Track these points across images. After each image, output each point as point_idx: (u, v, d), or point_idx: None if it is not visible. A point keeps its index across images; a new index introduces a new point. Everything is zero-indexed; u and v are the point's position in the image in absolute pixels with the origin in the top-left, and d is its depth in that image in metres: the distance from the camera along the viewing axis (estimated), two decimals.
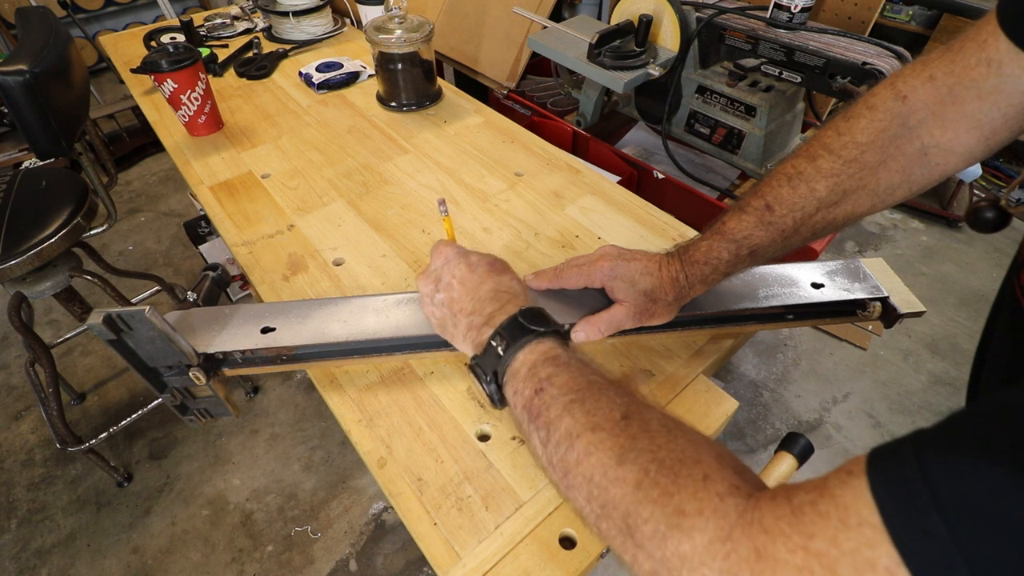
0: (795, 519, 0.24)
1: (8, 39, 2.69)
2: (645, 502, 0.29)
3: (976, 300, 1.83)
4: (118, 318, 0.48)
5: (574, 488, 0.33)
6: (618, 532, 0.30)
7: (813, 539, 0.23)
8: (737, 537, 0.25)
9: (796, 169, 0.46)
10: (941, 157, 0.44)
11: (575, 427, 0.34)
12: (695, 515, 0.27)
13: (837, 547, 0.22)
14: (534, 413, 0.36)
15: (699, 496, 0.28)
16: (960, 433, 0.22)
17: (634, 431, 0.32)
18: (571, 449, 0.33)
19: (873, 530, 0.21)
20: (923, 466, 0.21)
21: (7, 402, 1.63)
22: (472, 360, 0.43)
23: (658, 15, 1.17)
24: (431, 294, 0.49)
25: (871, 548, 0.21)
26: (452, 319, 0.47)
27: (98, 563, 1.28)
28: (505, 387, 0.40)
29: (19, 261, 1.03)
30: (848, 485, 0.23)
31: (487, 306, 0.44)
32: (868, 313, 0.59)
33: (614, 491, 0.30)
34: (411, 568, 1.26)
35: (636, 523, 0.29)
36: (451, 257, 0.49)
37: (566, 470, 0.33)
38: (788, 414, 1.55)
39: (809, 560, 0.22)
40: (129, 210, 2.32)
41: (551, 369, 0.38)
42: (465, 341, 0.46)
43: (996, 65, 0.39)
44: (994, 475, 0.19)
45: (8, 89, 0.89)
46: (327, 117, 1.06)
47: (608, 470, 0.31)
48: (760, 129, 1.17)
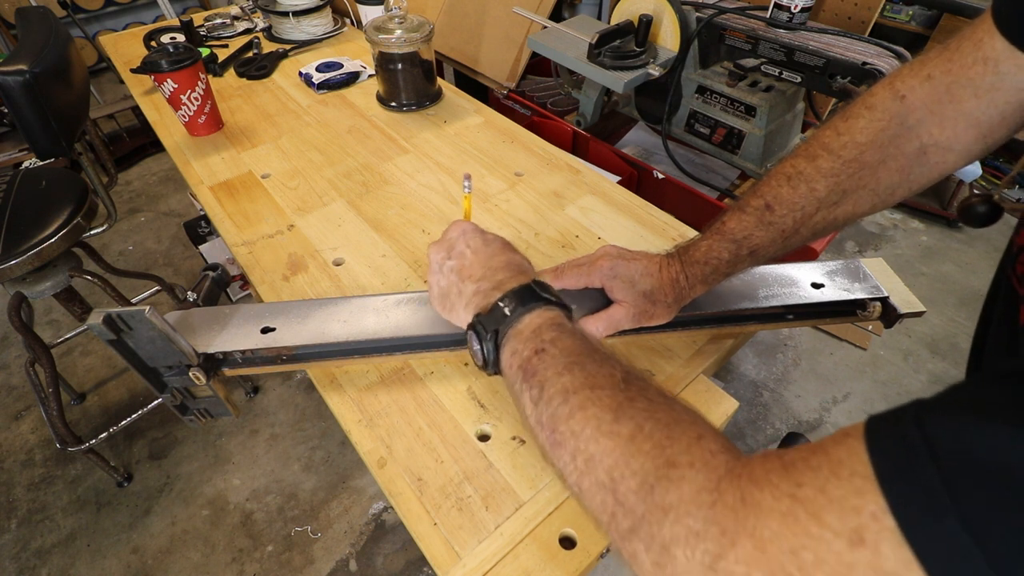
0: (785, 471, 0.24)
1: (8, 39, 2.69)
2: (636, 454, 0.29)
3: (976, 300, 1.83)
4: (118, 318, 0.48)
5: (560, 445, 0.32)
6: (599, 489, 0.29)
7: (801, 487, 0.23)
8: (724, 487, 0.25)
9: (796, 169, 0.46)
10: (940, 156, 0.44)
11: (572, 384, 0.33)
12: (686, 467, 0.27)
13: (824, 494, 0.22)
14: (529, 372, 0.36)
15: (692, 450, 0.28)
16: (960, 399, 0.22)
17: (633, 393, 0.32)
18: (564, 403, 0.33)
19: (863, 479, 0.21)
20: (922, 427, 0.21)
21: (7, 402, 1.63)
22: (474, 318, 0.42)
23: (658, 15, 1.17)
24: (442, 261, 0.49)
25: (859, 496, 0.21)
26: (458, 285, 0.46)
27: (98, 563, 1.28)
28: (503, 348, 0.39)
29: (19, 261, 1.03)
30: (843, 443, 0.23)
31: (498, 274, 0.44)
32: (868, 313, 0.59)
33: (604, 443, 0.30)
34: (411, 568, 1.26)
35: (622, 475, 0.29)
36: (468, 229, 0.49)
37: (555, 426, 0.33)
38: (788, 414, 1.55)
39: (794, 506, 0.22)
40: (129, 210, 2.32)
41: (555, 333, 0.37)
42: (468, 307, 0.45)
43: (992, 63, 0.39)
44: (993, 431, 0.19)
45: (8, 89, 0.89)
46: (327, 117, 1.06)
47: (602, 424, 0.31)
48: (760, 129, 1.17)
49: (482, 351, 0.41)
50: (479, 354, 0.41)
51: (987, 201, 0.48)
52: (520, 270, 0.45)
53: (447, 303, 0.48)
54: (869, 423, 0.23)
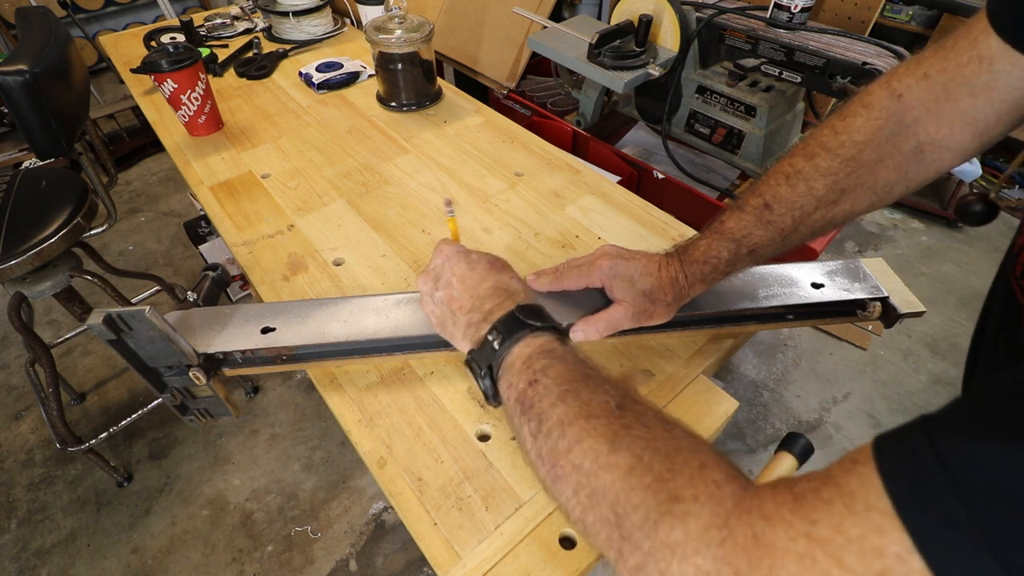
0: (797, 506, 0.22)
1: (8, 39, 2.69)
2: (637, 488, 0.28)
3: (976, 300, 1.83)
4: (118, 318, 0.48)
5: (561, 479, 0.32)
6: (604, 524, 0.29)
7: (816, 525, 0.21)
8: (734, 524, 0.24)
9: (794, 168, 0.46)
10: (937, 154, 0.44)
11: (568, 415, 0.33)
12: (690, 501, 0.26)
13: (842, 534, 0.20)
14: (526, 405, 0.36)
15: (695, 482, 0.27)
16: (971, 416, 0.21)
17: (629, 420, 0.31)
18: (562, 437, 0.32)
19: (882, 516, 0.20)
20: (936, 450, 0.19)
21: (7, 402, 1.63)
22: (468, 355, 0.43)
23: (658, 15, 1.17)
24: (431, 292, 0.49)
25: (880, 535, 0.19)
26: (452, 317, 0.47)
27: (98, 563, 1.28)
28: (500, 382, 0.40)
29: (19, 261, 1.03)
30: (854, 472, 0.22)
31: (486, 303, 0.44)
32: (868, 313, 0.59)
33: (604, 477, 0.29)
34: (411, 568, 1.26)
35: (625, 510, 0.28)
36: (451, 255, 0.49)
37: (555, 460, 0.32)
38: (788, 414, 1.55)
39: (812, 547, 0.21)
40: (129, 210, 2.32)
41: (546, 361, 0.37)
42: (464, 339, 0.45)
43: (987, 62, 0.39)
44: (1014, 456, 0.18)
45: (8, 89, 0.89)
46: (327, 117, 1.06)
47: (599, 456, 0.30)
48: (760, 129, 1.17)
49: (481, 387, 0.41)
50: (479, 390, 0.42)
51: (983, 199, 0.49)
52: (507, 293, 0.45)
53: (446, 332, 0.49)
54: (877, 446, 0.22)
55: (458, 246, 0.51)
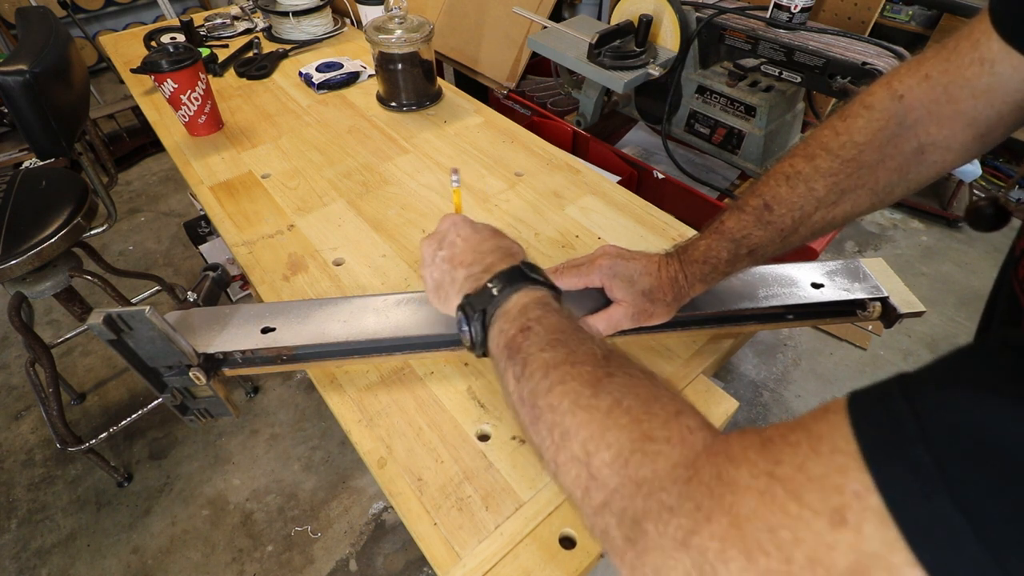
0: (763, 448, 0.23)
1: (8, 39, 2.69)
2: (613, 428, 0.28)
3: (976, 300, 1.83)
4: (118, 318, 0.48)
5: (538, 419, 0.32)
6: (574, 463, 0.29)
7: (780, 465, 0.22)
8: (701, 464, 0.25)
9: (794, 168, 0.46)
10: (938, 155, 0.44)
11: (554, 359, 0.33)
12: (663, 442, 0.27)
13: (804, 472, 0.21)
14: (514, 349, 0.36)
15: (669, 425, 0.27)
16: (950, 370, 0.21)
17: (613, 368, 0.32)
18: (544, 378, 0.33)
19: (845, 456, 0.20)
20: (909, 400, 0.20)
21: (7, 402, 1.63)
22: (463, 299, 0.42)
23: (658, 15, 1.17)
24: (433, 253, 0.49)
25: (841, 474, 0.20)
26: (451, 273, 0.46)
27: (98, 563, 1.28)
28: (491, 328, 0.39)
29: (19, 261, 1.03)
30: (824, 419, 0.22)
31: (488, 257, 0.44)
32: (868, 313, 0.59)
33: (581, 416, 0.30)
34: (411, 568, 1.26)
35: (596, 447, 0.28)
36: (458, 220, 0.50)
37: (535, 400, 0.33)
38: (788, 414, 1.55)
39: (772, 484, 0.21)
40: (129, 210, 2.32)
41: (540, 312, 0.37)
42: (460, 293, 0.44)
43: (989, 64, 0.39)
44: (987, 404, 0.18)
45: (8, 89, 0.89)
46: (327, 117, 1.06)
47: (580, 397, 0.30)
48: (760, 129, 1.17)
49: (470, 332, 0.41)
50: (467, 335, 0.41)
51: (994, 204, 0.48)
52: (509, 253, 0.45)
53: (441, 293, 0.48)
54: (852, 397, 0.22)
55: (463, 216, 0.51)
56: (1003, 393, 0.18)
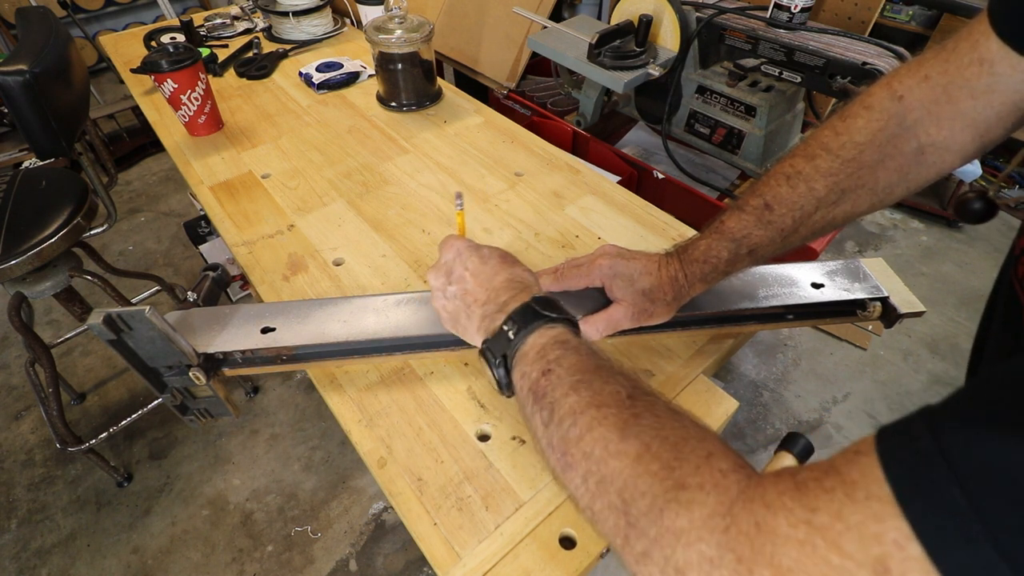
0: (799, 494, 0.23)
1: (8, 39, 2.69)
2: (644, 475, 0.28)
3: (976, 300, 1.83)
4: (118, 318, 0.48)
5: (571, 467, 0.32)
6: (611, 511, 0.29)
7: (817, 513, 0.22)
8: (738, 511, 0.24)
9: (795, 168, 0.46)
10: (937, 155, 0.44)
11: (579, 404, 0.33)
12: (696, 489, 0.26)
13: (842, 521, 0.21)
14: (539, 394, 0.36)
15: (701, 471, 0.27)
16: (972, 405, 0.21)
17: (639, 410, 0.32)
18: (573, 426, 0.33)
19: (881, 503, 0.20)
20: (937, 439, 0.20)
21: (7, 402, 1.63)
22: (483, 344, 0.43)
23: (658, 15, 1.17)
24: (443, 287, 0.49)
25: (878, 522, 0.20)
26: (466, 311, 0.46)
27: (98, 563, 1.28)
28: (513, 371, 0.40)
29: (19, 261, 1.03)
30: (855, 462, 0.22)
31: (501, 295, 0.44)
32: (868, 313, 0.59)
33: (613, 464, 0.30)
34: (411, 568, 1.26)
35: (632, 497, 0.28)
36: (462, 250, 0.49)
37: (565, 448, 0.33)
38: (788, 414, 1.55)
39: (812, 534, 0.21)
40: (129, 210, 2.32)
41: (560, 352, 0.37)
42: (479, 331, 0.45)
43: (988, 65, 0.39)
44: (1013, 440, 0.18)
45: (8, 89, 0.89)
46: (327, 117, 1.06)
47: (609, 444, 0.30)
48: (760, 129, 1.17)
49: (495, 376, 0.41)
50: (493, 380, 0.42)
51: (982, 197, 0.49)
52: (522, 286, 0.45)
53: (459, 327, 0.48)
54: (880, 437, 0.22)
55: (467, 241, 0.51)
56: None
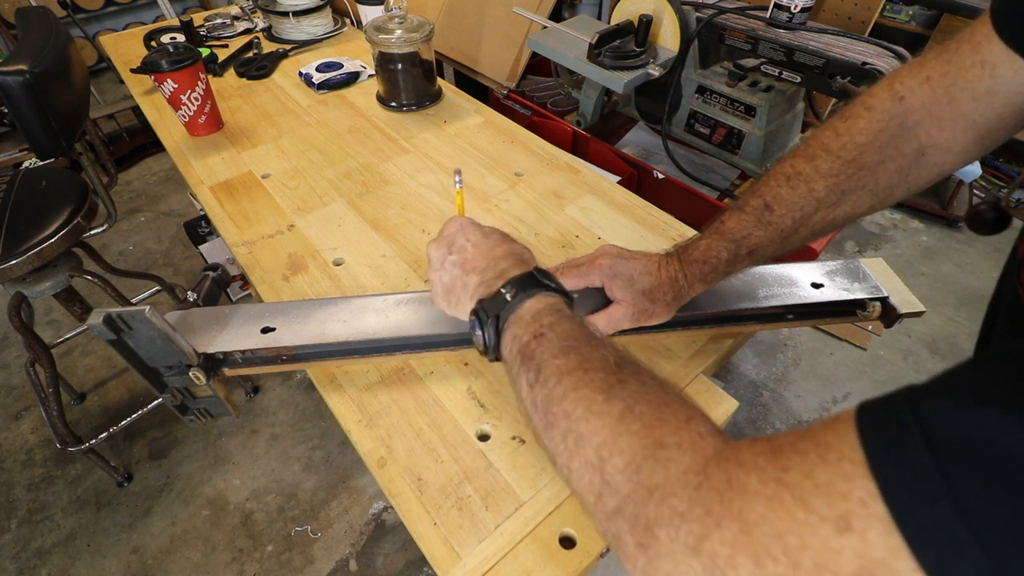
0: (772, 456, 0.23)
1: (8, 39, 2.69)
2: (624, 434, 0.29)
3: (976, 300, 1.83)
4: (118, 318, 0.48)
5: (552, 426, 0.32)
6: (587, 468, 0.29)
7: (788, 472, 0.22)
8: (711, 470, 0.25)
9: (795, 169, 0.46)
10: (938, 157, 0.44)
11: (567, 366, 0.34)
12: (673, 447, 0.27)
13: (811, 479, 0.21)
14: (527, 356, 0.36)
15: (680, 432, 0.28)
16: (957, 381, 0.21)
17: (625, 376, 0.32)
18: (558, 385, 0.33)
19: (852, 464, 0.20)
20: (916, 410, 0.20)
21: (7, 402, 1.63)
22: (476, 304, 0.42)
23: (658, 15, 1.17)
24: (443, 257, 0.49)
25: (847, 481, 0.20)
26: (463, 278, 0.46)
27: (98, 563, 1.28)
28: (504, 333, 0.40)
29: (19, 261, 1.03)
30: (833, 428, 0.22)
31: (500, 263, 0.44)
32: (868, 313, 0.59)
33: (594, 422, 0.30)
34: (411, 568, 1.26)
35: (609, 453, 0.29)
36: (466, 224, 0.50)
37: (548, 407, 0.33)
38: (788, 414, 1.55)
39: (780, 490, 0.22)
40: (129, 210, 2.32)
41: (553, 318, 0.38)
42: (472, 298, 0.44)
43: (990, 67, 0.39)
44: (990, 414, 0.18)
45: (8, 89, 0.89)
46: (327, 117, 1.06)
47: (593, 403, 0.31)
48: (760, 129, 1.17)
49: (483, 336, 0.41)
50: (480, 339, 0.41)
51: (995, 207, 0.48)
52: (521, 259, 0.45)
53: (451, 298, 0.48)
54: (860, 408, 0.22)
55: (469, 219, 0.51)
56: (1008, 404, 0.18)
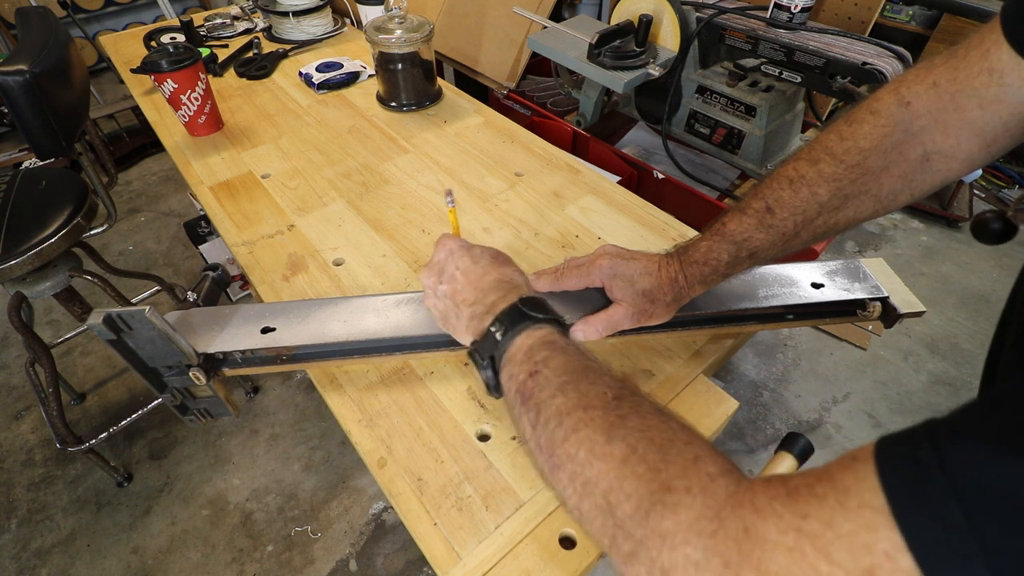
0: (789, 500, 0.22)
1: (8, 39, 2.69)
2: (630, 477, 0.28)
3: (976, 300, 1.83)
4: (118, 318, 0.48)
5: (559, 468, 0.32)
6: (598, 512, 0.29)
7: (807, 519, 0.21)
8: (726, 516, 0.24)
9: (798, 172, 0.46)
10: (943, 163, 0.44)
11: (566, 405, 0.33)
12: (683, 492, 0.26)
13: (833, 529, 0.20)
14: (526, 396, 0.36)
15: (688, 474, 0.27)
16: (979, 421, 0.20)
17: (625, 411, 0.32)
18: (559, 427, 0.33)
19: (874, 513, 0.19)
20: (939, 452, 0.19)
21: (7, 402, 1.63)
22: (471, 346, 0.43)
23: (658, 15, 1.17)
24: (434, 286, 0.49)
25: (870, 531, 0.19)
26: (455, 310, 0.47)
27: (98, 563, 1.28)
28: (502, 372, 0.40)
29: (19, 261, 1.03)
30: (851, 469, 0.21)
31: (489, 295, 0.44)
32: (868, 313, 0.59)
33: (598, 466, 0.29)
34: (411, 568, 1.26)
35: (618, 499, 0.28)
36: (454, 249, 0.49)
37: (552, 449, 0.32)
38: (788, 414, 1.55)
39: (801, 541, 0.21)
40: (129, 210, 2.32)
41: (547, 353, 0.37)
42: (468, 331, 0.45)
43: (998, 75, 0.38)
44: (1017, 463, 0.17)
45: (8, 89, 0.89)
46: (327, 117, 1.06)
47: (595, 446, 0.30)
48: (760, 129, 1.17)
49: (483, 378, 0.41)
50: (482, 381, 0.42)
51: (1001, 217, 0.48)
52: (511, 286, 0.45)
53: (449, 326, 0.49)
54: (879, 446, 0.21)
55: (460, 240, 0.51)
56: None
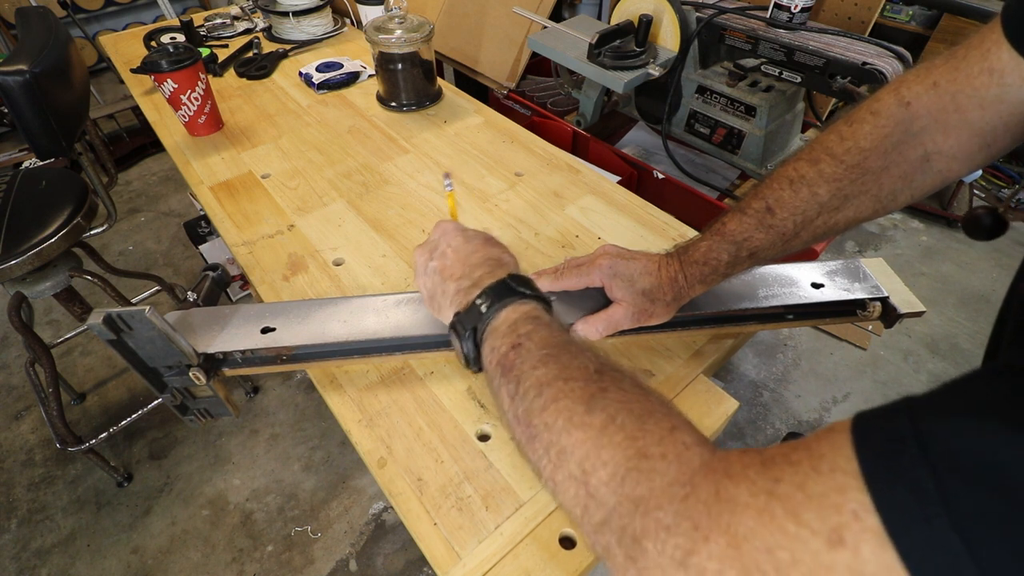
0: (763, 467, 0.23)
1: (8, 39, 2.69)
2: (607, 446, 0.28)
3: (976, 300, 1.83)
4: (118, 318, 0.48)
5: (535, 438, 0.32)
6: (571, 481, 0.29)
7: (779, 483, 0.21)
8: (698, 481, 0.24)
9: (798, 172, 0.46)
10: (943, 163, 0.44)
11: (547, 376, 0.33)
12: (658, 458, 0.26)
13: (803, 491, 0.21)
14: (507, 367, 0.36)
15: (664, 442, 0.27)
16: (956, 395, 0.21)
17: (606, 384, 0.32)
18: (538, 396, 0.32)
19: (846, 476, 0.20)
20: (914, 424, 0.20)
21: (7, 402, 1.63)
22: (454, 318, 0.42)
23: (658, 15, 1.17)
24: (425, 263, 0.49)
25: (840, 493, 0.19)
26: (442, 286, 0.46)
27: (98, 563, 1.28)
28: (483, 345, 0.40)
29: (19, 261, 1.03)
30: (827, 439, 0.22)
31: (476, 271, 0.44)
32: (868, 313, 0.59)
33: (576, 435, 0.29)
34: (411, 568, 1.26)
35: (593, 466, 0.28)
36: (449, 230, 0.50)
37: (530, 419, 0.32)
38: (788, 414, 1.55)
39: (771, 503, 0.21)
40: (129, 210, 2.32)
41: (531, 327, 0.37)
42: (452, 305, 0.45)
43: (998, 75, 0.38)
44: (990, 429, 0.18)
45: (8, 89, 0.89)
46: (327, 117, 1.06)
47: (574, 415, 0.30)
48: (760, 129, 1.17)
49: (463, 349, 0.41)
50: (460, 353, 0.41)
51: (992, 213, 0.48)
52: (499, 264, 0.45)
53: (435, 304, 0.48)
54: (857, 418, 0.22)
55: (456, 223, 0.51)
56: (1006, 419, 0.18)
